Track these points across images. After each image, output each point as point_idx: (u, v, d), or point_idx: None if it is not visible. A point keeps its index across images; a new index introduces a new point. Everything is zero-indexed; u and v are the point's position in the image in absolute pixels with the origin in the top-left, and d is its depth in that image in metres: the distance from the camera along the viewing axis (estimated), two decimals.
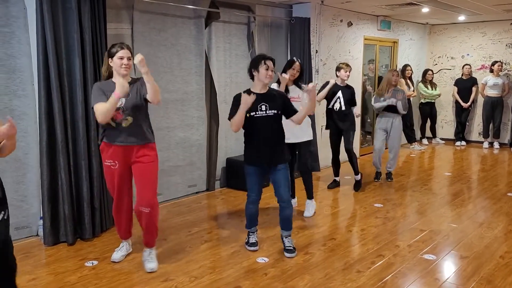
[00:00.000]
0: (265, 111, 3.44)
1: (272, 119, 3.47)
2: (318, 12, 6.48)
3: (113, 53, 3.11)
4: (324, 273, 3.35)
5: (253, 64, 3.51)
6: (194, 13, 5.13)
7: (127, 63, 3.12)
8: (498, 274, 3.28)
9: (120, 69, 3.11)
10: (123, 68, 3.12)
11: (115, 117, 3.15)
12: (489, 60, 8.68)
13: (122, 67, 3.11)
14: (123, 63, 3.11)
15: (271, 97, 3.50)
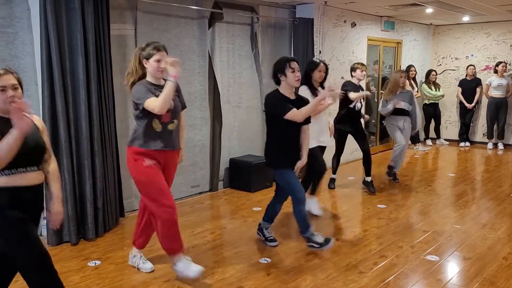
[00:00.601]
0: None
1: (300, 125, 3.47)
2: (322, 13, 6.48)
3: (150, 55, 2.93)
4: (327, 273, 3.35)
5: (278, 68, 3.40)
6: (198, 13, 5.14)
7: (163, 66, 2.92)
8: (501, 275, 3.26)
9: (157, 72, 2.96)
10: (160, 72, 2.96)
11: (163, 118, 2.98)
12: (494, 60, 8.64)
13: (159, 70, 2.94)
14: (160, 66, 2.93)
15: (300, 103, 3.44)
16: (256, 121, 6.09)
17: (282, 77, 3.38)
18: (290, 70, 3.33)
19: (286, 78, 3.36)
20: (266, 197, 5.32)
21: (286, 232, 4.20)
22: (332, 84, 3.53)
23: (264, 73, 6.20)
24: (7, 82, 2.11)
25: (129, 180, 4.69)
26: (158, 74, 2.97)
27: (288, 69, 3.34)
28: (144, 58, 2.97)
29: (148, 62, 2.96)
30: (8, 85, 2.11)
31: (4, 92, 2.11)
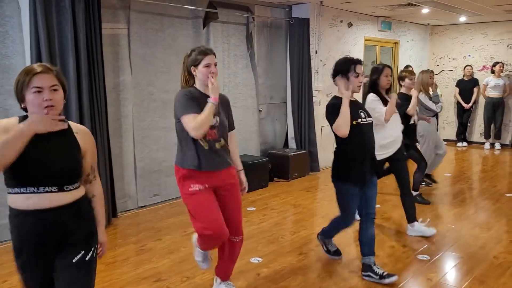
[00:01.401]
0: (365, 118, 3.05)
1: (371, 128, 3.10)
2: (318, 13, 6.48)
3: (197, 60, 2.58)
4: (317, 273, 3.34)
5: (341, 69, 3.02)
6: (192, 13, 5.14)
7: (215, 71, 2.60)
8: (491, 274, 3.25)
9: (207, 79, 2.58)
10: (211, 78, 2.58)
11: (208, 136, 2.61)
12: (491, 61, 8.63)
13: (210, 75, 2.58)
14: (211, 71, 2.58)
15: (361, 105, 3.17)
16: (252, 121, 6.09)
17: (343, 78, 3.02)
18: (354, 75, 2.97)
19: (348, 81, 2.99)
20: (261, 197, 5.32)
21: (278, 232, 4.19)
22: None
23: (260, 72, 6.21)
24: (45, 82, 1.72)
25: (122, 180, 4.71)
26: (209, 81, 2.58)
27: (352, 73, 2.98)
28: (191, 65, 2.61)
29: (196, 69, 2.60)
30: (46, 86, 1.72)
31: (40, 94, 1.72)
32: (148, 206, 4.96)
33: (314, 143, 6.59)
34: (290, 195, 5.44)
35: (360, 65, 3.01)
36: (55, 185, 1.77)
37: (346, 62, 3.04)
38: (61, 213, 1.80)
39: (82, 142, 1.90)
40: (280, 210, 4.88)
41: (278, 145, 6.67)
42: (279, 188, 5.77)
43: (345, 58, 3.10)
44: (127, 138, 4.67)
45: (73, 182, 1.85)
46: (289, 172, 6.13)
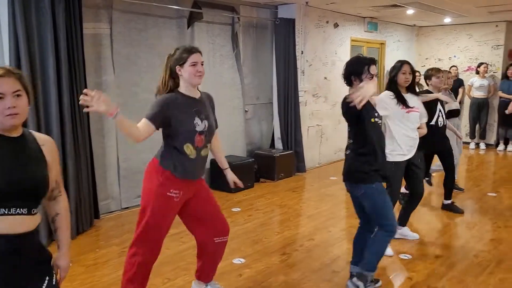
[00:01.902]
0: (379, 118, 2.93)
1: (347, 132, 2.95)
2: (303, 13, 6.49)
3: (183, 59, 2.49)
4: (300, 273, 3.34)
5: (354, 70, 2.81)
6: (176, 13, 5.12)
7: (202, 70, 2.53)
8: (470, 273, 3.28)
9: (195, 78, 2.50)
10: (198, 77, 2.52)
11: (196, 143, 2.54)
12: (475, 61, 8.72)
13: (197, 75, 2.51)
14: (198, 69, 2.50)
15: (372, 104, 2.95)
16: (237, 121, 6.07)
17: (356, 81, 2.80)
18: (368, 76, 2.75)
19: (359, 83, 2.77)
20: (246, 198, 5.31)
21: (262, 232, 4.19)
22: None
23: (246, 73, 6.21)
24: (6, 88, 1.57)
25: (105, 181, 4.67)
26: (195, 80, 2.52)
27: (366, 74, 2.76)
28: (176, 64, 2.51)
29: (182, 68, 2.50)
30: (8, 92, 1.57)
31: (2, 101, 1.56)
32: (132, 207, 4.92)
33: (301, 143, 6.60)
34: (276, 196, 5.44)
35: (374, 65, 2.78)
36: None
37: (359, 62, 2.82)
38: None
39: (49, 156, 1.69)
40: (265, 210, 4.88)
41: (264, 146, 6.67)
42: (265, 188, 5.77)
43: (357, 58, 2.92)
44: (110, 138, 4.63)
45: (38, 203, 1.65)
46: (275, 172, 6.13)
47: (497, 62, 8.69)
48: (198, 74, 2.52)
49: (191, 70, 2.49)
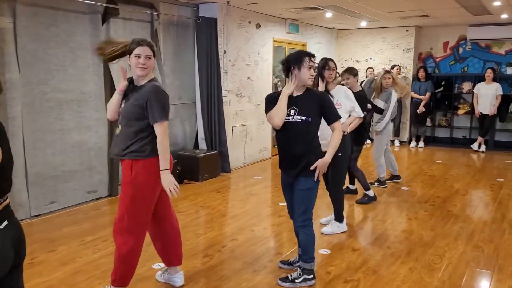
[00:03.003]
0: (293, 116, 2.97)
1: (300, 126, 2.96)
2: (225, 13, 6.46)
3: (131, 50, 2.71)
4: (220, 275, 3.29)
5: (294, 60, 2.97)
6: (89, 8, 4.85)
7: (144, 63, 2.70)
8: (383, 263, 3.44)
9: (136, 69, 2.71)
10: (139, 69, 2.70)
11: None
12: (389, 63, 9.25)
13: (138, 67, 2.70)
14: (139, 62, 2.69)
15: (304, 100, 3.01)
16: None
17: (294, 70, 2.95)
18: (307, 66, 2.95)
19: (298, 72, 2.94)
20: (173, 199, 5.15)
21: (183, 235, 4.08)
22: None
23: (167, 72, 6.04)
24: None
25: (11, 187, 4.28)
26: (137, 72, 2.71)
27: (305, 64, 2.94)
28: (128, 54, 2.75)
29: (129, 58, 2.73)
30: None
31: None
32: (43, 215, 4.58)
33: (225, 143, 6.57)
34: (200, 197, 5.35)
35: (313, 58, 3.00)
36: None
37: (299, 54, 3.02)
38: None
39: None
40: (188, 212, 4.77)
41: (188, 146, 6.55)
42: (188, 190, 5.66)
43: (298, 51, 3.14)
44: (15, 142, 4.25)
45: None
46: (199, 173, 6.04)
47: (408, 64, 9.28)
48: (140, 66, 2.70)
49: (134, 61, 2.70)
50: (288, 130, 2.99)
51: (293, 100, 3.01)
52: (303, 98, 3.02)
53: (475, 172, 6.75)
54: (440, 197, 5.34)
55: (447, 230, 4.21)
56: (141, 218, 2.80)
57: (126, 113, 2.75)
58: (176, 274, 3.13)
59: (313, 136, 3.03)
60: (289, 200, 3.18)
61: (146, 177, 2.75)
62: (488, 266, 3.42)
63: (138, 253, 2.85)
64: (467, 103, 9.03)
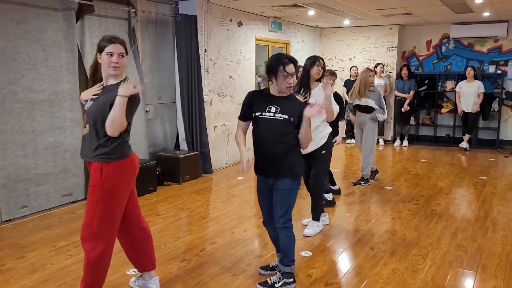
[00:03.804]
0: (274, 114, 2.89)
1: (281, 124, 2.88)
2: (206, 10, 6.33)
3: (102, 47, 2.57)
4: (198, 279, 3.17)
5: (270, 69, 2.88)
6: (62, 4, 4.68)
7: (116, 61, 2.56)
8: (365, 265, 3.35)
9: (108, 68, 2.56)
10: (112, 68, 2.56)
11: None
12: (373, 62, 9.21)
13: (110, 65, 2.55)
14: (112, 60, 2.55)
15: (287, 102, 2.93)
16: (138, 122, 5.72)
17: (273, 78, 2.90)
18: (283, 75, 2.82)
19: (276, 81, 2.88)
20: (147, 203, 5.02)
21: (161, 239, 3.95)
22: None
23: (146, 71, 5.89)
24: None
25: None
26: (109, 71, 2.56)
27: (281, 73, 2.83)
28: (97, 51, 2.60)
29: (100, 57, 2.59)
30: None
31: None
32: (14, 219, 4.40)
33: (206, 144, 6.43)
34: (180, 199, 5.21)
35: (289, 64, 2.82)
36: None
37: (274, 62, 2.87)
38: None
39: None
40: (166, 215, 4.63)
41: (169, 147, 6.39)
42: (168, 192, 5.51)
43: (276, 56, 2.93)
44: None
45: None
46: (180, 174, 5.90)
47: (392, 63, 9.26)
48: (112, 65, 2.56)
49: (106, 60, 2.56)
50: (268, 128, 2.89)
51: (275, 100, 2.93)
52: (286, 99, 2.95)
53: (459, 170, 6.73)
54: (424, 196, 5.28)
55: (430, 229, 4.14)
56: (111, 222, 2.66)
57: (95, 113, 2.59)
58: (151, 280, 3.00)
59: (292, 137, 2.93)
60: (267, 207, 3.05)
61: (117, 180, 2.62)
62: (471, 266, 3.35)
63: (108, 259, 2.70)
64: (450, 101, 9.03)
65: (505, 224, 4.27)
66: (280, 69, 2.82)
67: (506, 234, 4.00)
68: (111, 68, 2.56)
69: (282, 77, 2.84)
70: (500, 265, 3.36)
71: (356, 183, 5.82)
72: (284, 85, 2.87)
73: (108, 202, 2.62)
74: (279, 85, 2.88)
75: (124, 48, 2.62)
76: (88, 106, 2.65)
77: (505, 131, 8.72)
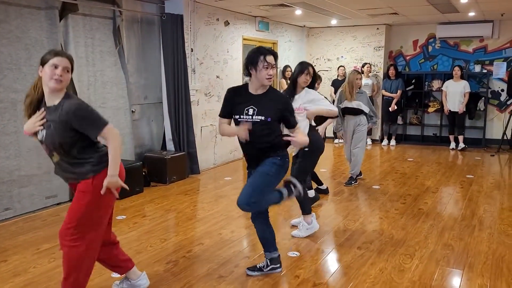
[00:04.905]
0: (251, 116, 2.85)
1: (259, 126, 2.84)
2: (192, 10, 6.28)
3: (46, 60, 2.39)
4: (184, 282, 3.12)
5: (250, 59, 2.86)
6: (45, 3, 4.59)
7: (61, 74, 2.37)
8: (353, 265, 3.34)
9: (50, 81, 2.36)
10: (54, 80, 2.36)
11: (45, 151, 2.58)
12: (360, 62, 9.24)
13: (54, 78, 2.36)
14: (56, 73, 2.36)
15: (265, 100, 2.89)
16: (124, 122, 5.66)
17: (252, 70, 2.85)
18: (264, 65, 2.80)
19: (256, 73, 2.83)
20: (133, 204, 4.96)
21: (147, 241, 3.89)
22: None
23: (131, 71, 5.82)
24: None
25: None
26: (50, 84, 2.36)
27: (261, 63, 2.80)
28: (40, 64, 2.42)
29: (43, 70, 2.40)
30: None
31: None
32: None
33: (194, 144, 6.38)
34: (166, 200, 5.16)
35: (269, 55, 2.83)
36: None
37: (254, 53, 2.86)
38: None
39: None
40: (153, 216, 4.57)
41: (155, 148, 6.33)
42: (155, 193, 5.45)
43: (256, 48, 2.93)
44: None
45: None
46: (166, 175, 5.84)
47: (379, 63, 9.30)
48: (56, 77, 2.37)
49: (49, 72, 2.38)
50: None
51: (252, 99, 2.90)
52: (264, 97, 2.91)
53: (446, 169, 6.77)
54: (411, 195, 5.30)
55: (417, 228, 4.15)
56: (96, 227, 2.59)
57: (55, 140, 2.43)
58: (139, 277, 2.95)
59: (275, 135, 2.92)
60: None
61: None
62: (458, 265, 3.36)
63: (89, 263, 2.63)
64: (437, 100, 9.10)
65: (491, 223, 4.30)
66: (261, 58, 2.80)
67: (492, 233, 4.02)
68: (53, 81, 2.36)
69: (262, 68, 2.80)
70: (486, 263, 3.38)
71: (348, 184, 5.78)
72: (264, 76, 2.82)
73: (102, 204, 2.57)
74: (259, 77, 2.83)
75: (70, 64, 2.45)
76: (42, 137, 2.47)
77: (491, 130, 8.81)
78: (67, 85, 2.46)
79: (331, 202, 5.07)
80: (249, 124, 2.84)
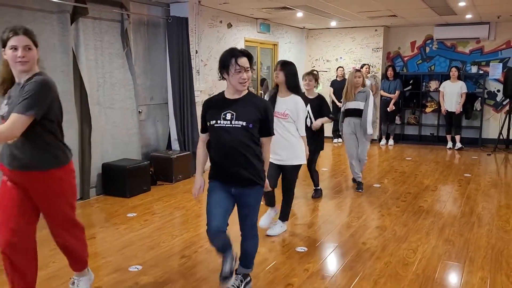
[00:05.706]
0: (230, 121, 2.59)
1: (241, 132, 2.59)
2: (196, 12, 6.42)
3: (3, 41, 2.27)
4: (199, 275, 3.27)
5: (222, 63, 2.60)
6: (57, 7, 4.72)
7: (23, 55, 2.27)
8: (359, 260, 3.50)
9: (15, 64, 2.29)
10: (18, 63, 2.28)
11: None
12: (359, 63, 9.41)
13: (17, 61, 2.27)
14: (17, 55, 2.26)
15: (243, 104, 2.63)
16: (131, 123, 5.79)
17: (225, 74, 2.60)
18: (236, 69, 2.54)
19: (229, 77, 2.58)
20: (142, 202, 5.09)
21: (159, 237, 4.03)
22: None
23: (138, 72, 5.95)
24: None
25: None
26: (18, 67, 2.28)
27: (233, 67, 2.54)
28: (2, 46, 2.30)
29: (4, 52, 2.29)
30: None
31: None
32: None
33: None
34: (174, 198, 5.29)
35: (242, 57, 2.55)
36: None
37: (225, 56, 2.59)
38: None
39: None
40: (162, 214, 4.71)
41: (161, 147, 6.46)
42: (162, 191, 5.59)
43: (228, 49, 2.65)
44: None
45: None
46: (173, 174, 5.97)
47: (377, 64, 9.47)
48: (18, 59, 2.27)
49: (10, 55, 2.28)
50: (227, 138, 2.60)
51: (229, 104, 2.63)
52: (242, 101, 2.64)
53: (444, 168, 6.95)
54: (411, 193, 5.47)
55: (419, 225, 4.32)
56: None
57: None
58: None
59: (255, 145, 2.67)
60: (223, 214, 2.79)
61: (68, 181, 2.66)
62: (459, 259, 3.53)
63: None
64: (434, 101, 9.29)
65: (490, 219, 4.47)
66: (232, 62, 2.53)
67: (491, 229, 4.20)
68: (18, 64, 2.28)
69: (234, 72, 2.54)
70: (486, 257, 3.55)
71: (360, 189, 5.57)
72: (237, 80, 2.55)
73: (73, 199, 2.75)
74: (232, 81, 2.57)
75: (30, 40, 2.30)
76: (4, 113, 2.37)
77: (487, 130, 9.01)
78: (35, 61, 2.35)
79: (333, 200, 5.23)
80: None
